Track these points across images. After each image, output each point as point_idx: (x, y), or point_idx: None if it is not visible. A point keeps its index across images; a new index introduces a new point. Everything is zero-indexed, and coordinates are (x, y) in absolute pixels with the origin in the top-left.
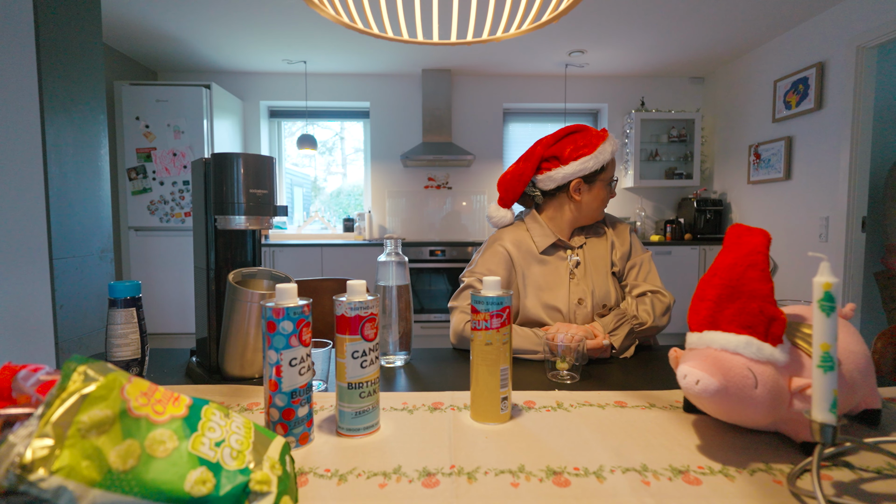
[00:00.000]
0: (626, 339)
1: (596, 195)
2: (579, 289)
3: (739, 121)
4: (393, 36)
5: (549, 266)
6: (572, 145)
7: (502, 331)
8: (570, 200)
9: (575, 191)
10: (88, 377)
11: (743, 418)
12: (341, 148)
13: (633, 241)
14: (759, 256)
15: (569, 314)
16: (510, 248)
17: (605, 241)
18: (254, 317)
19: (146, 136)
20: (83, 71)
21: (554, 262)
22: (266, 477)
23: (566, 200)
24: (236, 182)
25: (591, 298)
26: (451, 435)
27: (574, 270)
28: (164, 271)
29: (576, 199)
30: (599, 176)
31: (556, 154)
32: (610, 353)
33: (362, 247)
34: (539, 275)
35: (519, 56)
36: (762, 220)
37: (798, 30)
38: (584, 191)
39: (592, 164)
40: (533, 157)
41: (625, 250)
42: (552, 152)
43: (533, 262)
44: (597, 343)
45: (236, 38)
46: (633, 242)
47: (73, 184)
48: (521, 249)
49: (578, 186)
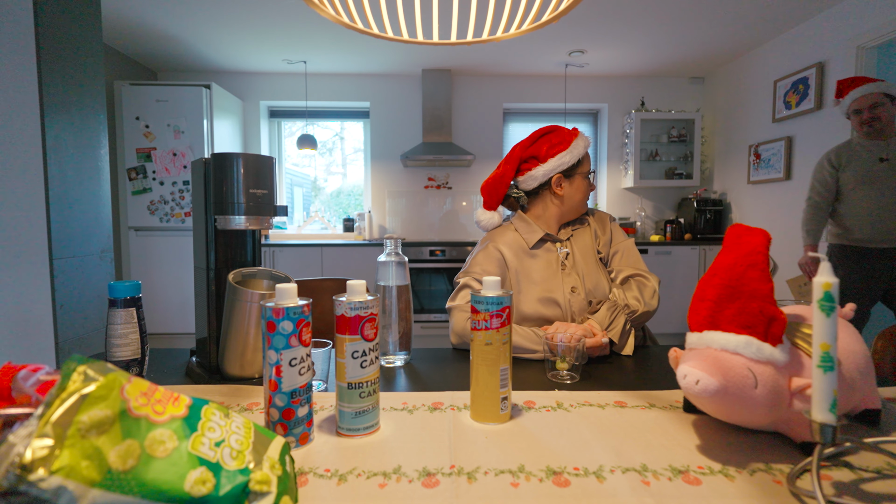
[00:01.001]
0: (623, 331)
1: (577, 188)
2: (571, 279)
3: (739, 121)
4: (393, 36)
5: (541, 260)
6: (548, 144)
7: (502, 331)
8: (553, 196)
9: (557, 185)
10: (88, 377)
11: (743, 418)
12: (341, 148)
13: (614, 229)
14: (759, 256)
15: (565, 305)
16: (502, 248)
17: (588, 230)
18: (254, 317)
19: (146, 136)
20: (83, 71)
21: (544, 255)
22: (266, 477)
23: (549, 196)
24: (236, 182)
25: (582, 286)
26: (451, 435)
27: (564, 262)
28: (164, 271)
29: (558, 193)
30: (577, 170)
31: (535, 154)
32: (610, 349)
33: (362, 247)
34: (533, 270)
35: (519, 56)
36: (762, 220)
37: (798, 30)
38: (566, 185)
39: (569, 159)
40: (512, 160)
41: (607, 238)
42: (530, 153)
43: (525, 257)
44: (595, 341)
45: (236, 38)
46: (614, 230)
47: (73, 184)
48: (513, 248)
49: (559, 181)
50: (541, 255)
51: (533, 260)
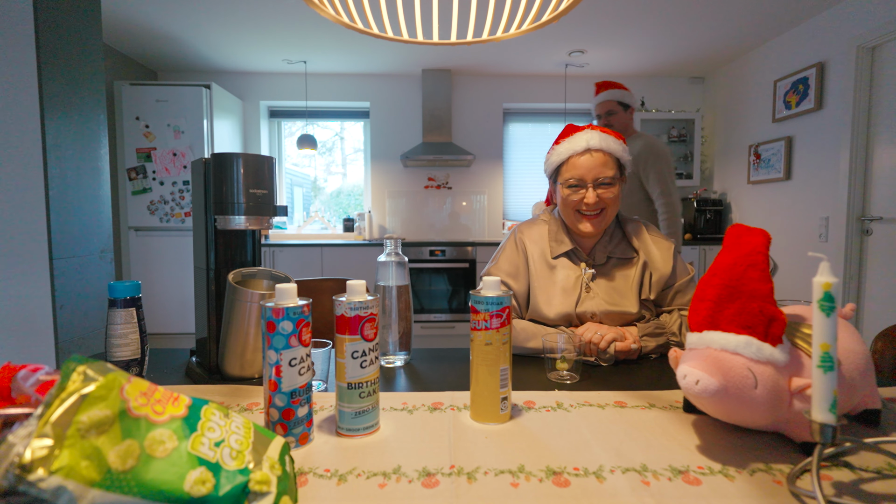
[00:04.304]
0: (656, 347)
1: (561, 197)
2: (593, 303)
3: (739, 121)
4: (393, 36)
5: (559, 273)
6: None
7: (502, 331)
8: None
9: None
10: (88, 377)
11: (743, 418)
12: (341, 148)
13: (678, 265)
14: (759, 256)
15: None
16: (528, 243)
17: (633, 265)
18: (254, 317)
19: (146, 136)
20: (83, 71)
21: (564, 269)
22: (265, 477)
23: None
24: (236, 182)
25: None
26: (450, 435)
27: (590, 284)
28: (164, 271)
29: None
30: (557, 177)
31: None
32: (637, 355)
33: (362, 247)
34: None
35: (519, 56)
36: (762, 220)
37: (798, 30)
38: (554, 191)
39: (547, 166)
40: None
41: (663, 274)
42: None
43: (544, 264)
44: (625, 346)
45: (236, 38)
46: (678, 266)
47: (73, 184)
48: (539, 246)
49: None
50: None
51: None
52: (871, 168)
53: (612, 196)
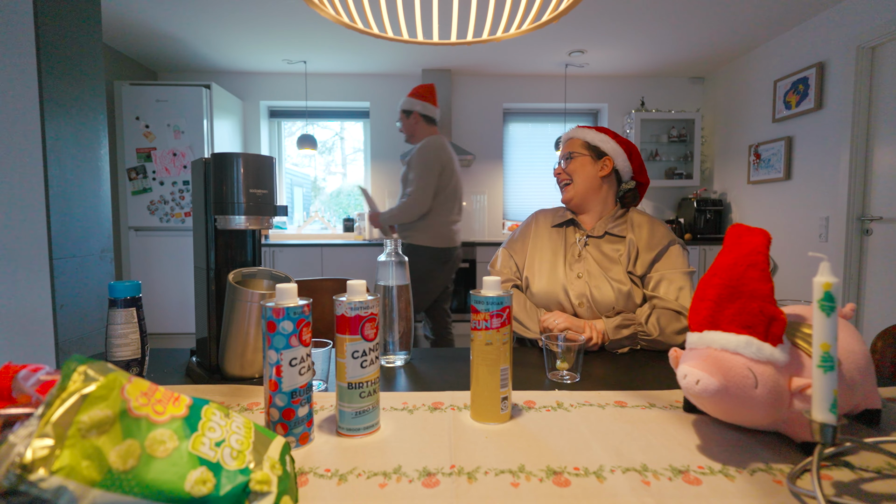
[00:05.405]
0: (624, 337)
1: None
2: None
3: (739, 121)
4: (393, 36)
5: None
6: None
7: (502, 331)
8: None
9: None
10: (88, 377)
11: (743, 418)
12: (341, 148)
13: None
14: (759, 256)
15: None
16: (540, 217)
17: (621, 242)
18: (254, 317)
19: (146, 136)
20: (83, 71)
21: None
22: (266, 477)
23: None
24: (236, 182)
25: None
26: (451, 435)
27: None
28: (164, 271)
29: None
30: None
31: None
32: (598, 347)
33: (362, 247)
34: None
35: (519, 56)
36: (762, 220)
37: (798, 30)
38: None
39: None
40: None
41: (648, 253)
42: None
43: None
44: (574, 336)
45: (236, 38)
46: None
47: (73, 184)
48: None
49: None
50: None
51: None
52: (871, 168)
53: (575, 168)
